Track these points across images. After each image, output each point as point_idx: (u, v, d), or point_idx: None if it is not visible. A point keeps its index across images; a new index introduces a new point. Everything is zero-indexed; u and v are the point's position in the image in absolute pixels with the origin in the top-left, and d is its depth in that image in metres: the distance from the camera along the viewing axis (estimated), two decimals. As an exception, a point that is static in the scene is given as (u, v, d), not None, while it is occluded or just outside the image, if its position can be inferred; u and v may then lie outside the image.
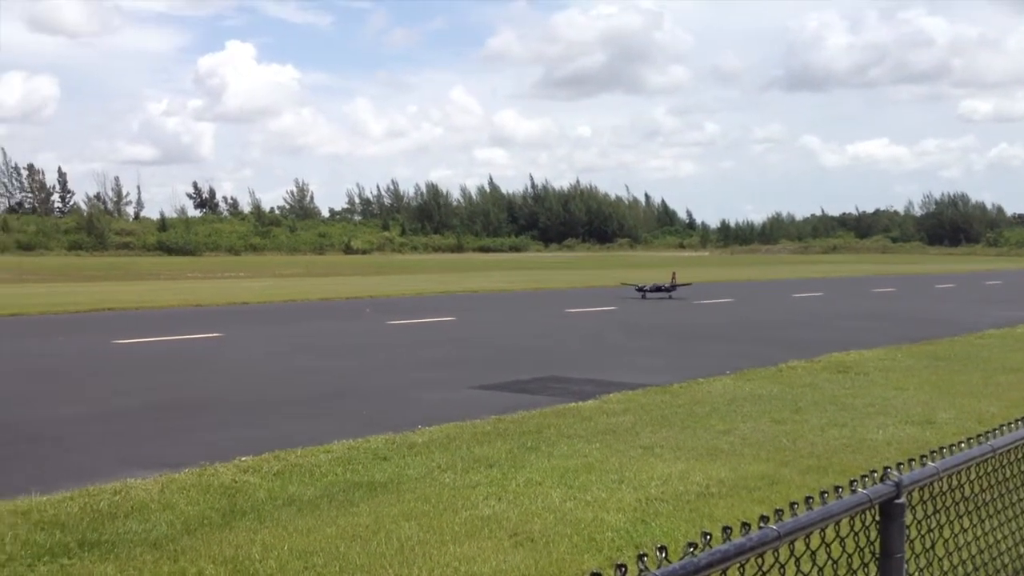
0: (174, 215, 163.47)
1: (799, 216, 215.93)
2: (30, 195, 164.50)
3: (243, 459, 12.78)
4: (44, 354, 26.27)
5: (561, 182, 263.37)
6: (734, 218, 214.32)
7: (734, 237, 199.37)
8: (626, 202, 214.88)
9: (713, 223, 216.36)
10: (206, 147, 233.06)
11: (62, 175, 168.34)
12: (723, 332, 32.92)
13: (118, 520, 10.01)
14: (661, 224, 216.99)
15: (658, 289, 48.21)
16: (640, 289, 47.90)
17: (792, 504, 3.66)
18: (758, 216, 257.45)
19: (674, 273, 50.96)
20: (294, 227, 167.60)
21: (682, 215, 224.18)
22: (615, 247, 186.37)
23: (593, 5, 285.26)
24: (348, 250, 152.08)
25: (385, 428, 14.94)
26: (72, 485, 11.38)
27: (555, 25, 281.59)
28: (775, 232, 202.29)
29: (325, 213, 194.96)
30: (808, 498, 3.73)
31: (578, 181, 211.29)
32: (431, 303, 47.24)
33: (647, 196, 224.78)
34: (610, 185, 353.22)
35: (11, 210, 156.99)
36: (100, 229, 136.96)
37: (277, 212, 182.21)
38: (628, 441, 13.89)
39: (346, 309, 43.14)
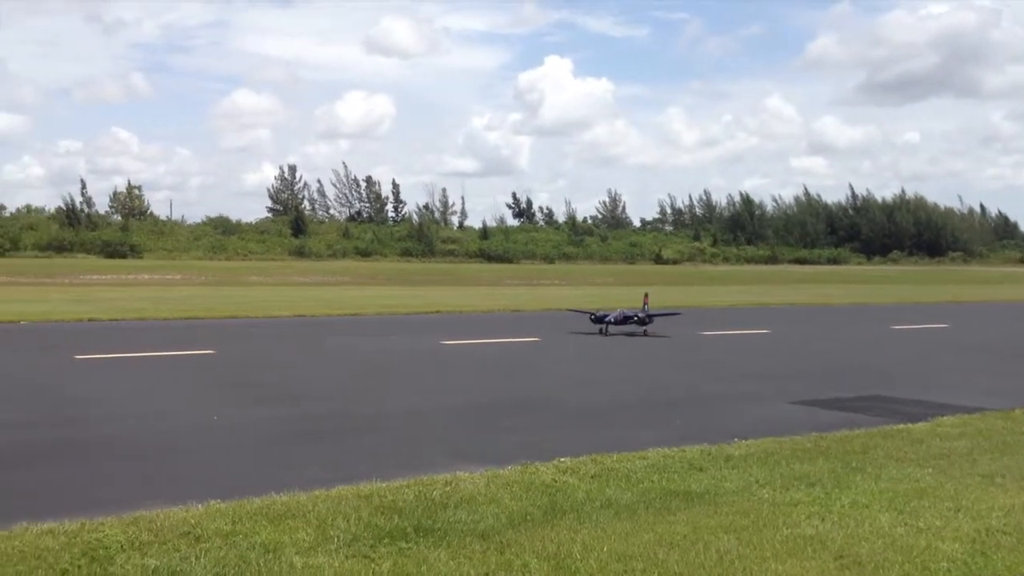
0: (494, 224, 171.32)
1: None
2: (367, 205, 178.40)
3: (562, 460, 13.14)
4: (381, 351, 28.34)
5: (884, 192, 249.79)
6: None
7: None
8: (959, 213, 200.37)
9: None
10: (524, 159, 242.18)
11: (395, 187, 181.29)
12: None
13: (448, 509, 10.60)
14: (1000, 237, 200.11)
15: (625, 320, 34.08)
16: (598, 319, 34.00)
17: None
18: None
19: (646, 296, 36.52)
20: (606, 236, 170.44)
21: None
22: (946, 261, 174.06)
23: (922, 5, 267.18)
24: (658, 260, 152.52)
25: (700, 439, 14.83)
26: (407, 474, 12.20)
27: (880, 27, 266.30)
28: None
29: (636, 223, 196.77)
30: None
31: (903, 191, 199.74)
32: (744, 315, 46.32)
33: (982, 207, 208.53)
34: (939, 195, 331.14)
35: (351, 219, 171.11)
36: (429, 237, 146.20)
37: (590, 222, 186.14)
38: (964, 468, 12.92)
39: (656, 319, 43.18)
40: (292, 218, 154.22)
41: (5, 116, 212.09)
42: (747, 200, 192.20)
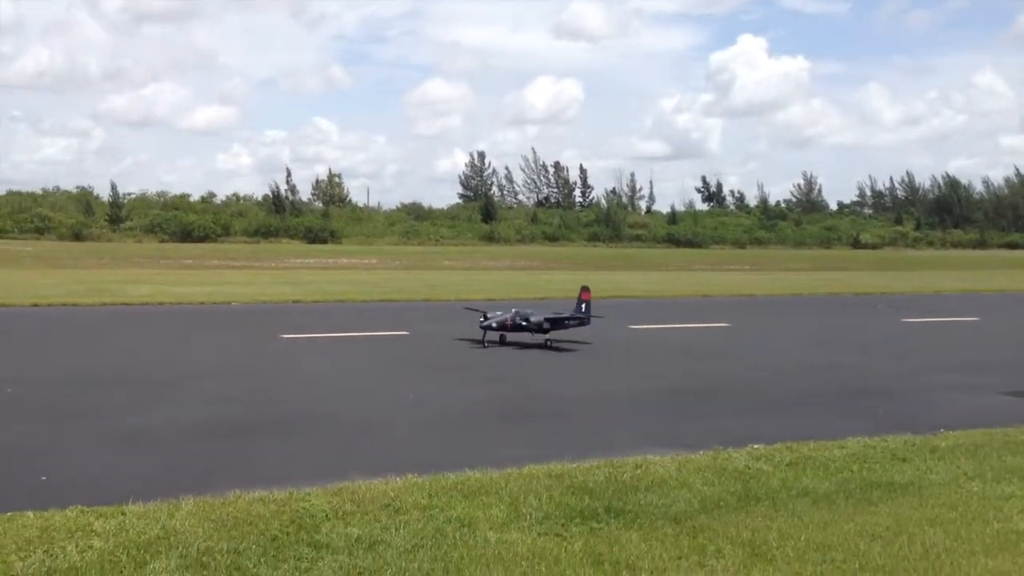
0: (682, 208, 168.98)
1: None
2: (555, 190, 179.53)
3: (755, 447, 12.88)
4: (571, 333, 28.47)
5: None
6: None
7: None
8: None
9: None
10: (714, 141, 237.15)
11: (583, 171, 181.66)
12: None
13: (639, 492, 10.57)
14: None
15: (552, 323, 24.93)
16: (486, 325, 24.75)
17: None
18: None
19: (584, 289, 26.84)
20: (800, 221, 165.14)
21: None
22: None
23: None
24: (856, 244, 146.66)
25: (902, 428, 14.25)
26: (598, 455, 12.25)
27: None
28: None
29: (833, 206, 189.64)
30: None
31: None
32: (951, 302, 43.95)
33: None
34: None
35: (539, 204, 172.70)
36: (616, 222, 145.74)
37: (783, 205, 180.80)
38: None
39: (857, 305, 41.63)
40: (482, 204, 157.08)
41: (217, 108, 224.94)
42: (953, 181, 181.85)
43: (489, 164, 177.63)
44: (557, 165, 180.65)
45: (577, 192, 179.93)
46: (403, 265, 73.54)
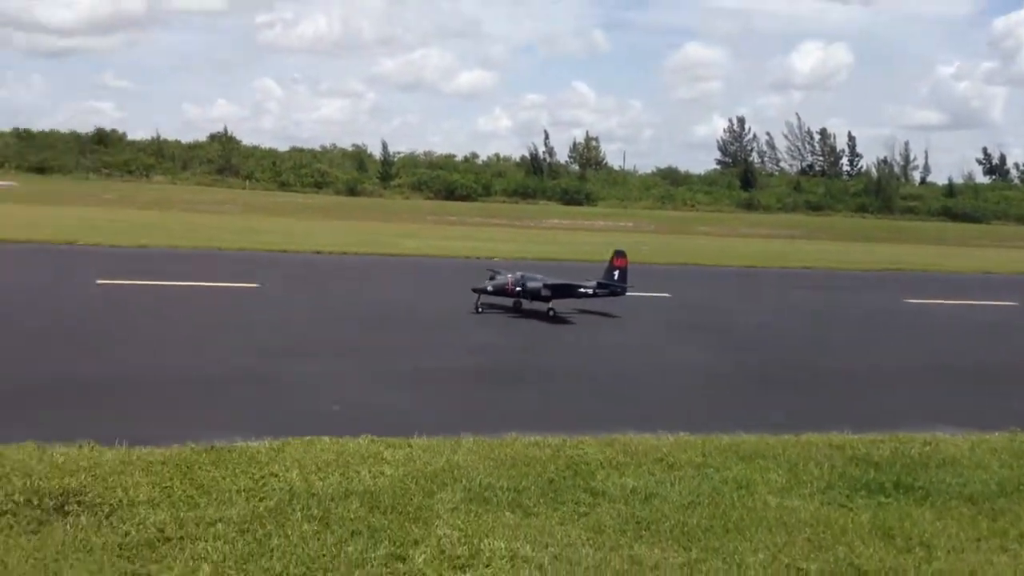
0: (960, 181, 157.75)
1: None
2: (820, 158, 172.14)
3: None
4: (842, 304, 27.29)
5: None
6: None
7: None
8: None
9: None
10: (997, 111, 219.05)
11: (851, 139, 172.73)
12: None
13: (930, 470, 9.97)
14: None
15: (554, 291, 21.62)
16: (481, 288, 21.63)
17: None
18: None
19: (617, 255, 22.92)
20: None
21: None
22: None
23: None
24: None
25: None
26: (882, 429, 11.64)
27: None
28: None
29: None
30: None
31: None
32: None
33: None
34: None
35: (802, 172, 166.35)
36: (887, 192, 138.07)
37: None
38: None
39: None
40: (741, 170, 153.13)
41: (480, 72, 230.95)
42: None
43: (750, 130, 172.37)
44: (823, 132, 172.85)
45: (844, 161, 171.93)
46: (658, 230, 72.95)
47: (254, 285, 24.23)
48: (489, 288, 21.57)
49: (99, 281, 22.90)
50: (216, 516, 7.70)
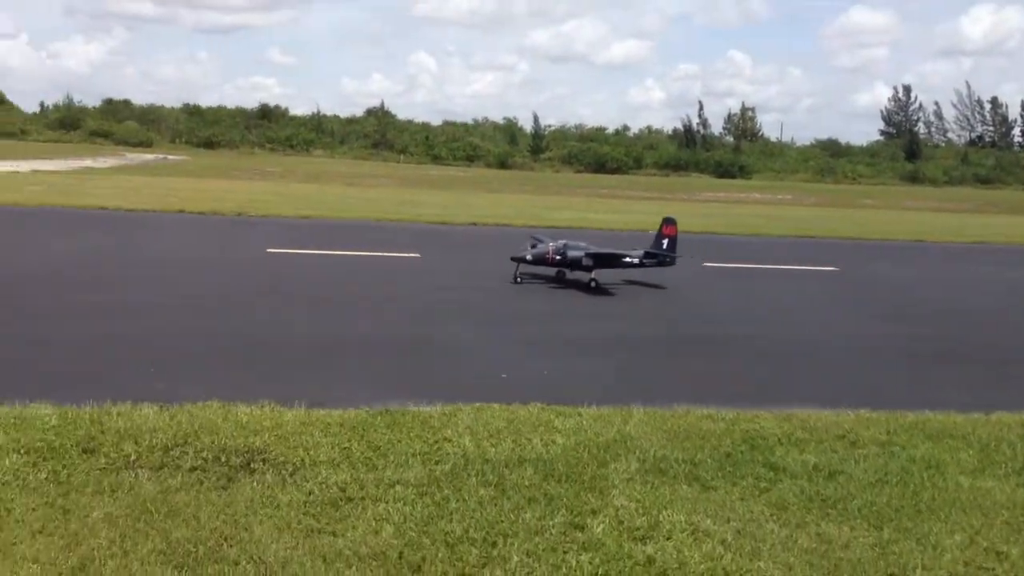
0: None
1: None
2: (991, 128, 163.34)
3: None
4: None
5: None
6: None
7: None
8: None
9: None
10: None
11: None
12: None
13: None
14: None
15: (596, 260, 20.41)
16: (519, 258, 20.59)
17: None
18: None
19: (666, 223, 21.91)
20: None
21: None
22: None
23: None
24: None
25: None
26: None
27: None
28: None
29: None
30: None
31: None
32: None
33: None
34: None
35: (971, 143, 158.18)
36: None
37: None
38: None
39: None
40: (906, 141, 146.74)
41: (632, 43, 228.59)
42: None
43: (915, 99, 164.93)
44: (994, 101, 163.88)
45: (1017, 131, 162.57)
46: (819, 202, 70.66)
47: (415, 255, 24.63)
48: (528, 257, 20.48)
49: (269, 250, 23.68)
50: (394, 478, 7.79)
